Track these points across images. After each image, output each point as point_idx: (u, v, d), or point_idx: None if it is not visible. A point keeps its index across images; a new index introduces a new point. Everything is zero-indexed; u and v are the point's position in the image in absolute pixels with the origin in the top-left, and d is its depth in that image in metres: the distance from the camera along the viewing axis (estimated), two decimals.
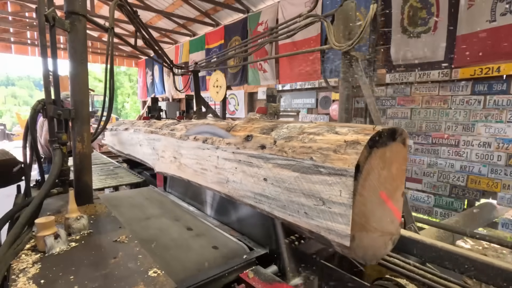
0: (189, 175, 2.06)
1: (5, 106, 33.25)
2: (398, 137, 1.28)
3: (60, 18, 1.58)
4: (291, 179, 1.26)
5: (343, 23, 2.90)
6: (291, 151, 1.29)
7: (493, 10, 3.59)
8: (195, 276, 1.23)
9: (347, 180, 1.05)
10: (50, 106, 1.64)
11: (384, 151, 1.22)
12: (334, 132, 1.26)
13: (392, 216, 1.32)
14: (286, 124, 1.54)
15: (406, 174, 4.78)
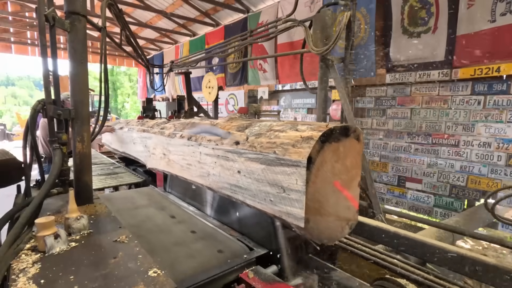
0: (177, 170, 2.24)
1: (5, 106, 33.25)
2: (351, 133, 1.46)
3: (60, 18, 1.58)
4: (259, 170, 1.43)
5: (321, 28, 3.06)
6: (259, 146, 1.46)
7: (493, 10, 3.60)
8: (195, 276, 1.23)
9: (301, 170, 1.22)
10: (50, 106, 1.64)
11: (337, 146, 1.40)
12: (295, 130, 1.44)
13: (348, 204, 1.49)
14: (259, 123, 1.74)
15: (407, 174, 4.78)
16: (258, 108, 3.08)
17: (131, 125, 3.55)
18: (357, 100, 5.29)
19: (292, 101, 6.54)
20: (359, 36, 5.02)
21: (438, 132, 4.30)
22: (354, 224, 1.55)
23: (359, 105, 5.27)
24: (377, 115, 5.00)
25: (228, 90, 8.34)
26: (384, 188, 5.00)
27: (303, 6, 5.81)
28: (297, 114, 6.45)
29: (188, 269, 1.33)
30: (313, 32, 3.10)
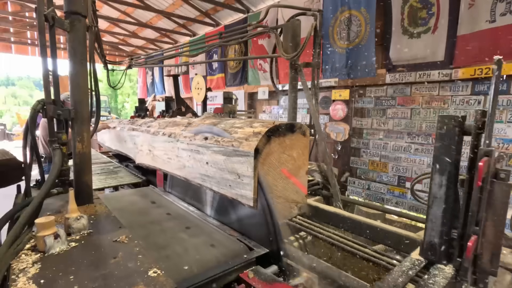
0: (160, 164, 2.57)
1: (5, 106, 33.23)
2: (297, 130, 1.78)
3: (59, 18, 1.58)
4: (222, 161, 1.70)
5: (291, 36, 3.37)
6: (222, 141, 1.76)
7: (492, 10, 3.59)
8: (195, 276, 1.23)
9: (250, 159, 1.50)
10: (50, 106, 1.63)
11: (283, 140, 1.69)
12: (250, 126, 1.73)
13: (296, 188, 1.79)
14: (226, 121, 2.06)
15: (407, 174, 4.75)
16: (233, 108, 3.41)
17: (123, 124, 3.91)
18: (357, 100, 5.28)
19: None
20: (359, 36, 5.02)
21: None
22: (302, 206, 1.86)
23: (359, 105, 5.27)
24: (377, 115, 5.00)
25: (228, 90, 8.33)
26: (384, 188, 5.00)
27: (303, 6, 5.81)
28: (297, 114, 6.44)
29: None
30: (284, 39, 3.40)
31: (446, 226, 1.31)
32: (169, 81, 11.05)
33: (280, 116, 6.84)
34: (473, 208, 1.21)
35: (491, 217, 1.22)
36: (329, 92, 5.65)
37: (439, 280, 1.20)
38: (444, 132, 1.29)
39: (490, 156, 1.19)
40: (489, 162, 1.20)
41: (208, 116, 2.87)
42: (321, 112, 5.95)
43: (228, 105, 3.46)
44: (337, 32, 5.33)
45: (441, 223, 1.31)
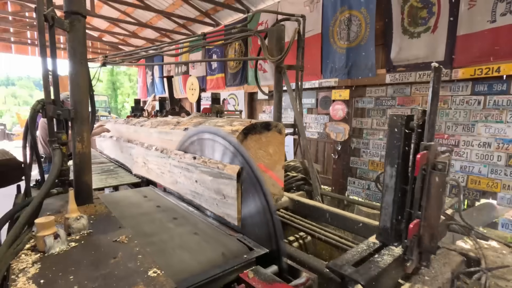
0: (154, 177, 2.67)
1: (5, 106, 33.22)
2: (273, 128, 1.92)
3: (59, 18, 1.58)
4: (209, 181, 1.82)
5: (276, 40, 3.51)
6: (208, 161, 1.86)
7: (493, 11, 3.59)
8: (195, 276, 1.23)
9: (234, 182, 1.60)
10: (49, 106, 1.63)
11: (260, 137, 1.82)
12: (230, 125, 1.89)
13: (273, 181, 1.92)
14: (210, 120, 2.28)
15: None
16: (220, 109, 3.61)
17: (119, 123, 4.15)
18: (357, 100, 5.28)
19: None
20: (359, 36, 5.02)
21: (438, 132, 4.30)
22: (279, 198, 2.05)
23: (359, 105, 5.27)
24: (377, 115, 5.00)
25: (228, 90, 8.33)
26: None
27: (303, 6, 5.82)
28: None
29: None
30: (269, 43, 3.56)
31: (396, 212, 1.47)
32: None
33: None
34: (416, 196, 1.41)
35: (430, 203, 1.39)
36: (329, 92, 5.65)
37: (387, 258, 1.40)
38: (393, 129, 1.48)
39: (429, 150, 1.39)
40: (428, 155, 1.38)
41: (196, 116, 3.10)
42: (321, 112, 5.95)
43: (215, 105, 3.62)
44: (337, 32, 5.33)
45: (392, 210, 1.48)
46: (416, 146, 1.45)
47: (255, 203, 1.56)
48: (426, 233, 1.42)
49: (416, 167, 1.37)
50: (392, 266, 1.39)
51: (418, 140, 1.46)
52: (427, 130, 1.47)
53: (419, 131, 1.47)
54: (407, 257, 1.44)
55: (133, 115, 5.00)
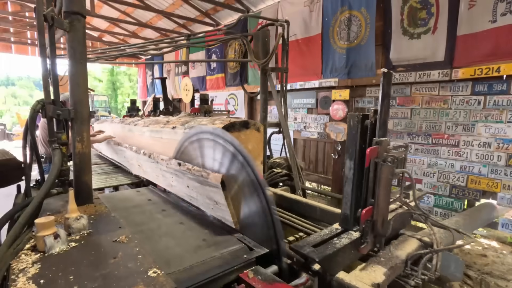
0: (152, 178, 2.83)
1: (5, 106, 33.20)
2: (251, 126, 2.07)
3: (59, 18, 1.58)
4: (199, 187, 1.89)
5: (261, 44, 3.66)
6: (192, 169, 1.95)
7: (494, 11, 3.59)
8: (195, 276, 1.23)
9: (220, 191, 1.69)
10: (49, 106, 1.63)
11: (239, 134, 1.93)
12: (212, 123, 2.05)
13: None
14: (195, 119, 2.48)
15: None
16: (209, 108, 3.79)
17: (115, 122, 4.42)
18: (357, 100, 5.28)
19: (292, 101, 6.54)
20: (359, 36, 5.02)
21: (438, 132, 4.30)
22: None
23: (359, 105, 5.27)
24: None
25: (228, 90, 8.33)
26: None
27: (303, 6, 5.82)
28: (297, 114, 6.45)
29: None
30: (255, 46, 3.71)
31: (355, 201, 1.66)
32: (168, 81, 11.05)
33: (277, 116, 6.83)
34: (370, 185, 1.59)
35: (381, 192, 1.57)
36: (329, 92, 5.65)
37: (344, 241, 1.60)
38: (350, 127, 1.67)
39: (380, 145, 1.57)
40: (378, 150, 1.56)
41: (184, 115, 3.39)
42: (321, 112, 5.95)
43: (204, 105, 3.79)
44: (337, 32, 5.33)
45: (351, 198, 1.66)
46: (370, 141, 1.63)
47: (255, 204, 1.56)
48: (379, 218, 1.60)
49: (366, 159, 1.54)
50: (348, 247, 1.57)
51: (372, 136, 1.63)
52: (379, 128, 1.64)
53: (372, 128, 1.66)
54: (363, 240, 1.63)
55: (129, 115, 5.16)
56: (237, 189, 1.71)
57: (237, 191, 1.71)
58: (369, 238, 1.63)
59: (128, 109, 5.42)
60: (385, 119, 1.68)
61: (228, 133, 1.72)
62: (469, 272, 3.03)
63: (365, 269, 1.49)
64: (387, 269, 1.51)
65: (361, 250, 1.62)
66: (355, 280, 1.39)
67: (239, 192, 1.71)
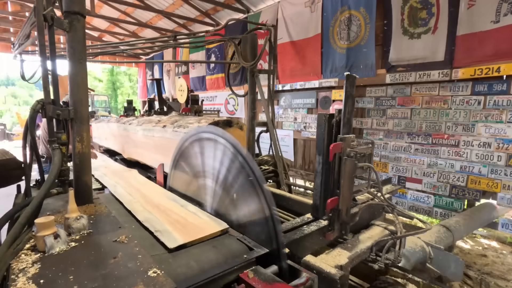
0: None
1: (5, 106, 33.19)
2: (234, 124, 2.26)
3: (58, 18, 1.58)
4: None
5: (250, 47, 3.81)
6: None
7: (498, 11, 3.59)
8: (194, 276, 1.22)
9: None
10: (49, 106, 1.63)
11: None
12: (198, 122, 2.26)
13: None
14: (184, 119, 2.74)
15: (407, 174, 4.79)
16: (199, 109, 4.01)
17: (111, 121, 4.71)
18: (357, 100, 5.28)
19: (292, 101, 6.54)
20: (359, 36, 5.02)
21: (438, 132, 4.30)
22: None
23: (359, 105, 5.27)
24: (377, 115, 5.00)
25: (228, 90, 8.33)
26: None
27: (303, 6, 5.82)
28: (297, 114, 6.45)
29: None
30: (243, 49, 3.87)
31: (324, 192, 1.85)
32: (168, 81, 11.05)
33: (280, 116, 6.84)
34: (335, 177, 1.80)
35: (344, 183, 1.75)
36: (329, 92, 5.65)
37: (312, 228, 1.79)
38: (319, 125, 1.86)
39: (344, 141, 1.78)
40: (342, 146, 1.76)
41: (174, 115, 3.55)
42: (321, 112, 5.95)
43: (194, 105, 3.98)
44: (337, 32, 5.33)
45: (320, 190, 1.84)
46: (335, 138, 1.83)
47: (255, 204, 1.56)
48: (343, 207, 1.77)
49: (330, 154, 1.73)
50: (315, 233, 1.76)
51: (336, 133, 1.84)
52: (343, 126, 1.85)
53: (337, 126, 1.87)
54: (330, 227, 1.81)
55: (125, 115, 5.34)
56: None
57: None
58: (336, 226, 1.79)
59: (124, 109, 5.60)
60: (349, 118, 1.88)
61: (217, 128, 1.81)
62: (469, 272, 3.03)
63: (331, 253, 1.68)
64: (352, 254, 1.71)
65: (328, 236, 1.80)
66: (320, 262, 1.59)
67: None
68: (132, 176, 2.74)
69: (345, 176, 1.73)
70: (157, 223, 1.57)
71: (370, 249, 1.85)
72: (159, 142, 2.87)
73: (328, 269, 1.54)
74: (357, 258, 1.76)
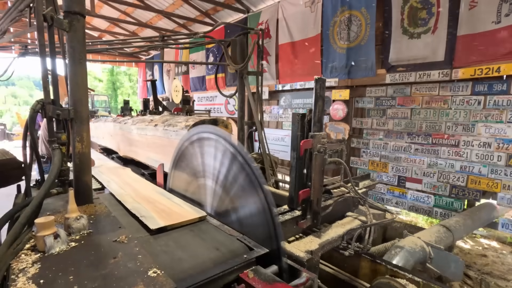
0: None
1: (5, 106, 33.18)
2: (220, 123, 2.44)
3: (58, 18, 1.58)
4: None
5: (239, 50, 4.02)
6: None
7: (499, 12, 3.58)
8: (194, 276, 1.22)
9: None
10: (49, 106, 1.63)
11: None
12: (186, 121, 2.43)
13: None
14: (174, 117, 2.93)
15: (407, 174, 4.79)
16: (190, 109, 4.15)
17: (108, 121, 4.85)
18: (357, 100, 5.28)
19: (292, 101, 6.54)
20: (359, 36, 5.02)
21: (438, 132, 4.30)
22: None
23: (359, 105, 5.27)
24: (377, 115, 5.00)
25: (228, 90, 8.33)
26: (384, 188, 5.00)
27: (303, 6, 5.82)
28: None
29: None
30: (233, 52, 4.08)
31: (298, 185, 2.00)
32: (168, 81, 11.06)
33: (280, 116, 6.84)
34: (307, 171, 2.00)
35: (315, 176, 1.94)
36: (329, 92, 5.65)
37: (286, 217, 1.96)
38: (294, 123, 2.01)
39: (314, 138, 1.97)
40: (313, 142, 1.95)
41: (165, 115, 3.71)
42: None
43: (186, 105, 4.10)
44: (337, 32, 5.33)
45: (294, 183, 2.00)
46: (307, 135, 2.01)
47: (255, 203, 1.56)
48: (314, 198, 1.96)
49: (300, 149, 1.91)
50: (289, 222, 1.93)
51: (308, 131, 2.01)
52: (313, 124, 2.01)
53: (309, 125, 2.02)
54: (303, 217, 1.98)
55: (122, 115, 5.44)
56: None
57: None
58: (308, 215, 1.96)
59: (121, 109, 5.73)
60: (319, 117, 2.02)
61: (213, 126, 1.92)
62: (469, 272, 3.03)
63: (303, 240, 1.86)
64: (323, 241, 1.90)
65: (300, 224, 1.95)
66: (292, 248, 1.76)
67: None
68: (125, 173, 2.91)
69: (315, 170, 1.92)
70: (144, 211, 1.73)
71: (342, 237, 2.04)
72: (151, 140, 3.04)
73: (298, 253, 1.74)
74: (328, 245, 1.94)
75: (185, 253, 1.34)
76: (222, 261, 1.35)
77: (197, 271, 1.22)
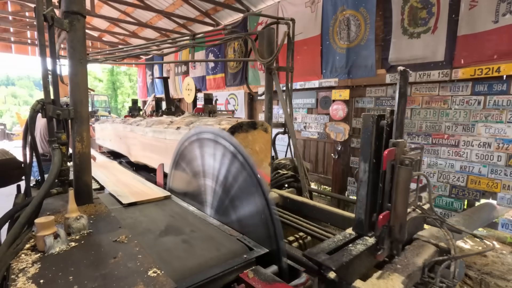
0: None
1: (5, 106, 33.18)
2: (259, 127, 2.06)
3: (58, 18, 1.58)
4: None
5: (266, 43, 3.55)
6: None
7: (497, 11, 3.58)
8: (194, 276, 1.23)
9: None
10: (49, 106, 1.63)
11: (246, 135, 1.96)
12: (218, 124, 2.08)
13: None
14: (201, 119, 2.57)
15: None
16: (213, 108, 3.75)
17: (116, 122, 4.60)
18: (357, 100, 5.28)
19: (292, 101, 6.53)
20: (359, 36, 5.02)
21: (438, 132, 4.30)
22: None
23: (359, 105, 5.27)
24: None
25: (228, 90, 8.33)
26: None
27: (304, 6, 5.82)
28: (297, 114, 6.45)
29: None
30: (259, 45, 3.63)
31: (370, 205, 1.53)
32: (169, 81, 11.04)
33: (280, 116, 6.84)
34: (386, 188, 1.48)
35: (398, 196, 1.46)
36: (329, 92, 5.65)
37: (360, 247, 1.49)
38: (365, 127, 1.52)
39: (397, 146, 1.46)
40: (395, 152, 1.46)
41: (188, 116, 3.34)
42: (321, 112, 5.95)
43: (208, 105, 3.73)
44: (337, 32, 5.33)
45: (365, 203, 1.53)
46: (386, 143, 1.53)
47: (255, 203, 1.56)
48: (396, 223, 1.49)
49: (383, 162, 1.45)
50: (364, 254, 1.48)
51: (388, 138, 1.53)
52: (395, 129, 1.54)
53: (388, 129, 1.54)
54: (379, 246, 1.52)
55: (131, 115, 5.12)
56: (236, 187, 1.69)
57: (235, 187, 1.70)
58: (385, 244, 1.52)
59: (129, 109, 5.39)
60: (401, 120, 1.56)
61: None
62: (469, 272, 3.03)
63: (382, 277, 1.41)
64: (405, 277, 1.42)
65: (378, 256, 1.53)
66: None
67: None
68: (112, 166, 3.20)
69: (399, 187, 1.45)
70: (121, 192, 2.10)
71: (422, 270, 1.57)
72: (172, 144, 2.55)
73: None
74: (410, 282, 1.49)
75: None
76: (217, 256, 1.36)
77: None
